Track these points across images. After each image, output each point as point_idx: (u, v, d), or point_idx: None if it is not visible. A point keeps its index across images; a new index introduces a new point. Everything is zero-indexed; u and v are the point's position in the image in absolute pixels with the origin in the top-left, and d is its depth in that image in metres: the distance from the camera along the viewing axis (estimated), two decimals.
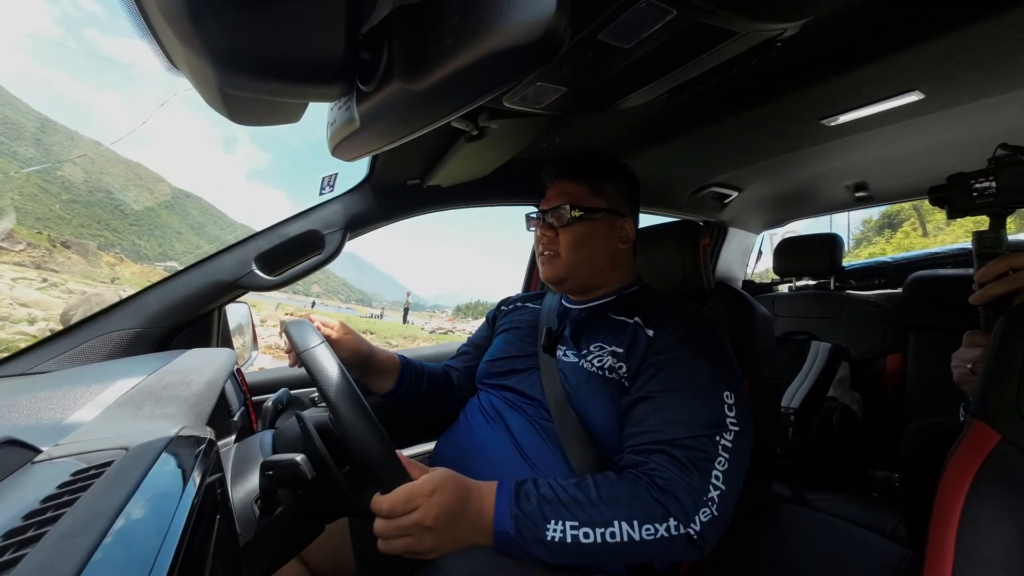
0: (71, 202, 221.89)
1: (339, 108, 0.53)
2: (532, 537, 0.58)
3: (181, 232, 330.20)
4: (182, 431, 0.44)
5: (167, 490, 0.33)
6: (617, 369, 0.75)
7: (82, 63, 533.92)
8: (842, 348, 1.52)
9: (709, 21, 0.54)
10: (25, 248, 62.84)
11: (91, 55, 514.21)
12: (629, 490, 0.61)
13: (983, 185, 0.79)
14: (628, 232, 0.88)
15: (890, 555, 0.78)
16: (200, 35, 0.34)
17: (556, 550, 0.57)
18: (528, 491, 0.61)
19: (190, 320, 0.93)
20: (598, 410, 0.74)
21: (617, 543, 0.57)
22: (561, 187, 0.87)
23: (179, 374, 0.59)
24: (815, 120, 1.01)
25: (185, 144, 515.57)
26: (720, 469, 0.62)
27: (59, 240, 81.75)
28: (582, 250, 0.84)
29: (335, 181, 1.06)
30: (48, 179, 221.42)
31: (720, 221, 1.88)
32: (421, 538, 0.57)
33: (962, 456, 0.53)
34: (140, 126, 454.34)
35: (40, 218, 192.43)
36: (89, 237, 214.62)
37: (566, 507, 0.59)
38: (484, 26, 0.34)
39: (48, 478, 0.33)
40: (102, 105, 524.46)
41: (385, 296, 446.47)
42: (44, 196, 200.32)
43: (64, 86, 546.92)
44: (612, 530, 0.58)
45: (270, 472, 0.60)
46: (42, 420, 0.48)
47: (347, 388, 0.59)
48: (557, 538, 0.57)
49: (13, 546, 0.24)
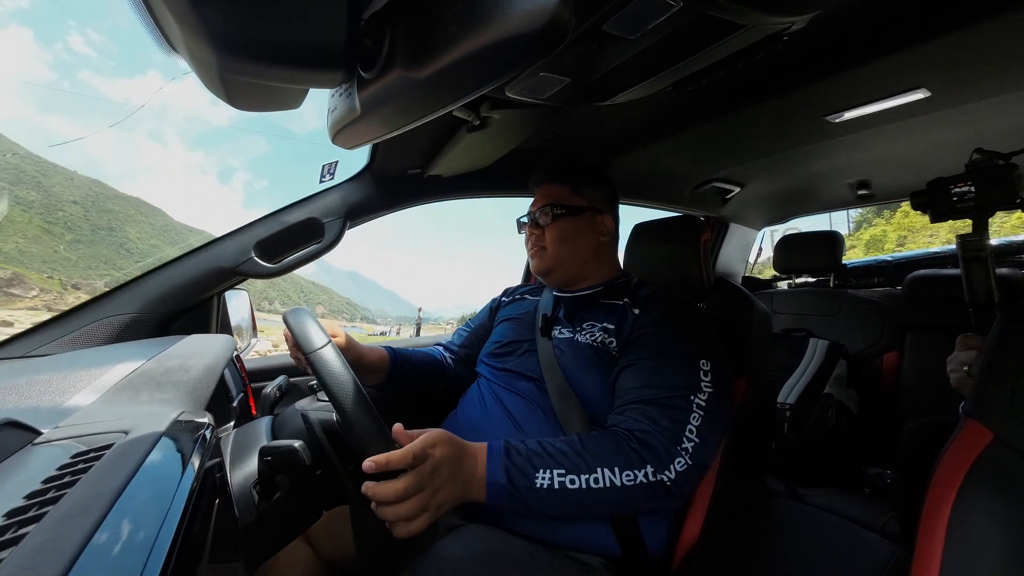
0: (75, 242, 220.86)
1: (340, 95, 0.53)
2: (523, 485, 0.61)
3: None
4: (181, 416, 0.44)
5: (167, 473, 0.33)
6: (608, 344, 0.81)
7: (76, 105, 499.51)
8: (840, 345, 1.52)
9: (715, 13, 0.53)
10: (38, 293, 62.85)
11: (85, 96, 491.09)
12: (611, 442, 0.66)
13: (962, 190, 0.82)
14: (608, 226, 0.96)
15: (881, 550, 0.79)
16: (200, 19, 0.34)
17: (545, 497, 0.61)
18: (517, 446, 0.66)
19: (189, 306, 0.93)
20: (591, 382, 0.79)
21: (600, 488, 0.62)
22: (545, 190, 0.96)
23: (178, 359, 0.59)
24: (820, 116, 1.00)
25: (181, 177, 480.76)
26: (694, 424, 0.68)
27: (69, 283, 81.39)
28: (567, 244, 0.92)
29: (335, 169, 1.05)
30: (51, 220, 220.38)
31: (721, 216, 1.88)
32: (433, 492, 0.58)
33: (955, 454, 0.53)
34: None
35: (46, 260, 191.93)
36: (96, 277, 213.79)
37: (553, 458, 0.64)
38: (487, 14, 0.34)
39: (49, 460, 0.33)
40: (98, 144, 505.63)
41: (390, 313, 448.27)
42: (48, 238, 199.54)
43: (60, 128, 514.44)
44: (596, 476, 0.62)
45: (269, 458, 0.60)
46: (42, 403, 0.48)
47: (358, 395, 0.58)
48: (545, 485, 0.61)
49: (15, 525, 0.24)
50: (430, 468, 0.58)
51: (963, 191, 0.82)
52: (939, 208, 0.85)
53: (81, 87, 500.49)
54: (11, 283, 60.04)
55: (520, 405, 0.82)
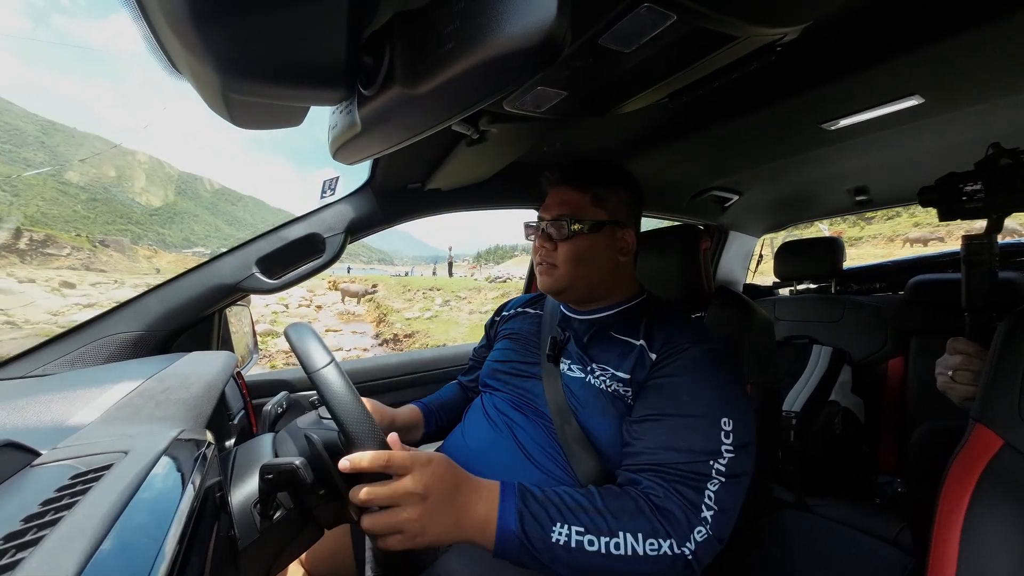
0: (91, 200, 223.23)
1: (341, 112, 0.54)
2: (537, 536, 0.56)
3: (197, 215, 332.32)
4: (181, 434, 0.44)
5: (166, 493, 0.33)
6: (624, 394, 0.75)
7: (59, 56, 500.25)
8: (844, 352, 1.51)
9: (709, 26, 0.54)
10: (71, 252, 64.54)
11: (65, 45, 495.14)
12: (632, 504, 0.60)
13: (972, 188, 0.77)
14: (629, 243, 0.85)
15: (893, 561, 0.78)
16: (203, 40, 0.34)
17: (560, 555, 0.56)
18: (534, 491, 0.60)
19: (191, 323, 0.93)
20: (607, 427, 0.74)
21: (621, 555, 0.56)
22: (561, 195, 0.84)
23: (179, 377, 0.59)
24: (815, 124, 1.01)
25: (180, 126, 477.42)
26: (712, 490, 0.61)
27: (97, 240, 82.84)
28: (581, 265, 0.81)
29: (336, 185, 1.06)
30: (63, 181, 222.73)
31: (721, 225, 1.89)
32: (412, 511, 0.53)
33: (964, 461, 0.52)
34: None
35: (68, 220, 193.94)
36: (117, 233, 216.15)
37: (572, 512, 0.58)
38: (485, 31, 0.34)
39: (47, 481, 0.33)
40: (92, 96, 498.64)
41: (406, 253, 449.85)
42: (64, 198, 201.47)
43: (49, 84, 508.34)
44: (617, 541, 0.56)
45: (269, 475, 0.59)
46: (42, 423, 0.48)
47: (363, 417, 0.56)
48: (562, 541, 0.56)
49: (12, 549, 0.24)
50: (410, 484, 0.53)
51: (973, 189, 0.77)
52: (947, 206, 0.81)
53: (58, 35, 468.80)
54: (46, 244, 62.70)
55: (527, 430, 0.79)
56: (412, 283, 21.56)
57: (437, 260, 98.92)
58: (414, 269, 71.24)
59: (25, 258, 66.27)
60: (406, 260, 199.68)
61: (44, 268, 59.55)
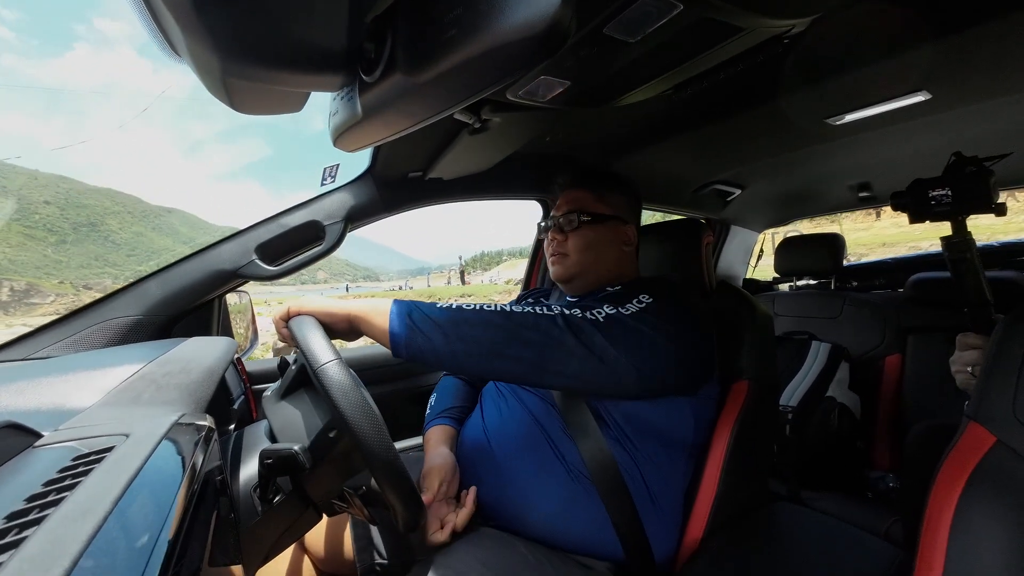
0: (60, 243, 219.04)
1: (341, 98, 0.53)
2: (420, 316, 0.62)
3: (175, 251, 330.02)
4: (182, 418, 0.44)
5: (167, 476, 0.33)
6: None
7: (10, 97, 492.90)
8: (842, 348, 1.52)
9: (716, 16, 0.53)
10: (55, 299, 64.06)
11: (16, 87, 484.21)
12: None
13: (939, 193, 0.84)
14: (631, 237, 0.95)
15: (883, 555, 0.79)
16: (204, 24, 0.34)
17: (443, 322, 0.62)
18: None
19: (191, 308, 0.93)
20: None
21: (494, 311, 0.64)
22: (571, 195, 0.94)
23: (179, 362, 0.59)
24: (820, 119, 1.00)
25: (147, 158, 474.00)
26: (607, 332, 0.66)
27: (80, 284, 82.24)
28: (590, 252, 0.90)
29: (336, 172, 1.05)
30: (30, 224, 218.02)
31: (722, 219, 1.88)
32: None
33: (956, 458, 0.53)
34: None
35: (38, 266, 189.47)
36: (95, 276, 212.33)
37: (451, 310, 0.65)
38: (488, 18, 0.34)
39: (49, 462, 0.33)
40: (50, 135, 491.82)
41: (391, 268, 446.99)
42: (32, 243, 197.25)
43: (6, 126, 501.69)
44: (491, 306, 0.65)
45: (269, 461, 0.60)
46: (43, 405, 0.48)
47: (366, 411, 0.55)
48: (444, 316, 0.62)
49: (15, 528, 0.24)
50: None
51: (940, 194, 0.84)
52: (916, 209, 0.88)
53: (8, 74, 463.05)
54: (28, 293, 62.82)
55: (537, 403, 0.83)
56: (439, 293, 21.48)
57: (427, 272, 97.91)
58: (403, 284, 70.56)
59: (8, 309, 65.58)
60: (392, 275, 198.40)
61: (29, 316, 59.37)
